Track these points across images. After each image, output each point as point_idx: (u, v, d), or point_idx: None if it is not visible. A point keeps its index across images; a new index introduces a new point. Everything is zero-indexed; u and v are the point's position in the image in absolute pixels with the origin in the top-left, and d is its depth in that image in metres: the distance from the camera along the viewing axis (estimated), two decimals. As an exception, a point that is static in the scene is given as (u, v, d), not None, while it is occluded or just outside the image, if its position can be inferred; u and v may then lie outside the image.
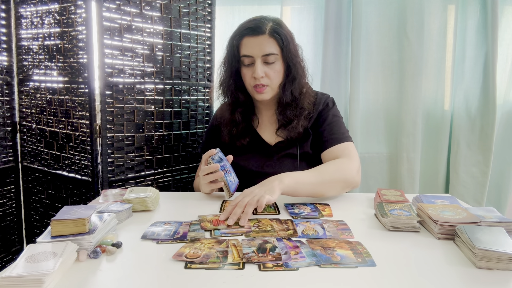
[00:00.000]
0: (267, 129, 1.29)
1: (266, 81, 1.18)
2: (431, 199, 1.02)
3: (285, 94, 1.21)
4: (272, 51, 1.15)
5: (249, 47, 1.16)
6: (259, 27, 1.15)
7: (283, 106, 1.23)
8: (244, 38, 1.17)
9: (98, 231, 0.78)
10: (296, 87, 1.22)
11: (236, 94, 1.25)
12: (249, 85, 1.21)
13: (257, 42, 1.15)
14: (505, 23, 1.79)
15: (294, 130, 1.21)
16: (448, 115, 1.84)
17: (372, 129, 1.88)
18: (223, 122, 1.29)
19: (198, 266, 0.69)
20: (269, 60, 1.16)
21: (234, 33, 1.21)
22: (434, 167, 1.87)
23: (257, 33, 1.15)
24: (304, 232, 0.87)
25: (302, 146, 1.24)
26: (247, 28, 1.16)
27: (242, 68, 1.20)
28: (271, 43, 1.15)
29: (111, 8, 1.37)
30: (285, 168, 1.19)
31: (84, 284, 0.64)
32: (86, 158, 1.44)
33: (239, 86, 1.24)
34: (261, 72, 1.15)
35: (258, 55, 1.15)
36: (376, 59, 1.83)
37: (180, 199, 1.15)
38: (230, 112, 1.27)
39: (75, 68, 1.42)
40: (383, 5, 1.80)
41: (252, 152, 1.27)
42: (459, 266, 0.71)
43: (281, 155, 1.25)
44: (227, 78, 1.24)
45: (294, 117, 1.21)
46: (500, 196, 1.87)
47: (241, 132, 1.26)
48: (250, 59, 1.17)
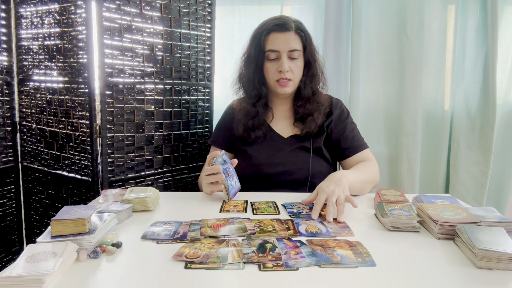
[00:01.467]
0: (281, 123, 1.34)
1: (290, 75, 1.24)
2: (431, 199, 1.02)
3: (306, 89, 1.28)
4: (297, 47, 1.23)
5: (275, 43, 1.22)
6: (287, 23, 1.22)
7: (303, 100, 1.29)
8: (272, 33, 1.23)
9: (98, 231, 0.78)
10: (315, 82, 1.30)
11: (259, 87, 1.29)
12: (272, 79, 1.26)
13: (284, 38, 1.21)
14: (505, 23, 1.79)
15: (312, 122, 1.27)
16: (448, 115, 1.84)
17: (372, 129, 1.88)
18: (239, 115, 1.32)
19: (198, 266, 0.69)
20: (293, 56, 1.23)
21: (259, 29, 1.26)
22: (434, 167, 1.87)
23: (284, 29, 1.22)
24: (307, 230, 0.87)
25: (315, 141, 1.29)
26: (275, 25, 1.22)
27: (266, 63, 1.25)
28: (296, 39, 1.23)
29: (111, 8, 1.37)
30: (298, 160, 1.26)
31: (84, 284, 0.64)
32: (86, 158, 1.44)
33: (261, 80, 1.29)
34: (287, 66, 1.22)
35: (284, 50, 1.21)
36: (376, 59, 1.83)
37: (180, 199, 1.15)
38: (248, 105, 1.30)
39: (75, 68, 1.42)
40: (383, 5, 1.80)
41: (264, 144, 1.30)
42: (459, 266, 0.71)
43: (295, 147, 1.29)
44: (250, 71, 1.29)
45: (314, 111, 1.28)
46: (500, 196, 1.87)
47: (256, 125, 1.29)
48: (276, 54, 1.23)
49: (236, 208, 1.03)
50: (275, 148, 1.29)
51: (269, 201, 1.09)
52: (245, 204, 1.07)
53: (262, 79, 1.29)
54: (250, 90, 1.31)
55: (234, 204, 1.07)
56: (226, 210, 1.02)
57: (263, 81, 1.29)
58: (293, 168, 1.25)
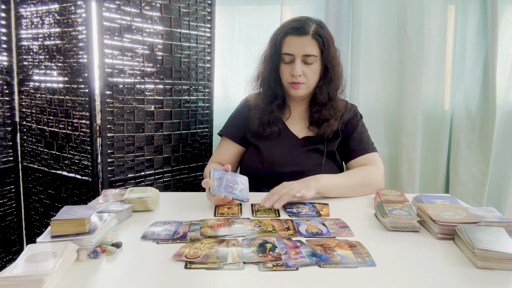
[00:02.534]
0: (296, 123, 1.34)
1: (302, 80, 1.23)
2: (431, 199, 1.02)
3: (322, 94, 1.27)
4: (312, 52, 1.20)
5: (291, 46, 1.21)
6: (304, 27, 1.20)
7: (319, 106, 1.28)
8: (288, 36, 1.21)
9: (98, 231, 0.78)
10: (333, 88, 1.28)
11: (274, 87, 1.29)
12: (286, 81, 1.26)
13: (300, 42, 1.20)
14: (505, 23, 1.79)
15: (328, 128, 1.26)
16: (448, 115, 1.84)
17: (372, 129, 1.87)
18: (256, 109, 1.32)
19: (198, 266, 0.69)
20: (308, 61, 1.21)
21: (278, 30, 1.26)
22: (434, 167, 1.87)
23: (301, 33, 1.19)
24: (307, 230, 0.87)
25: (329, 144, 1.29)
26: (292, 28, 1.21)
27: (282, 65, 1.25)
28: (312, 44, 1.20)
29: (111, 8, 1.37)
30: (310, 162, 1.25)
31: (84, 284, 0.64)
32: (86, 158, 1.44)
33: (277, 81, 1.29)
34: (300, 71, 1.21)
35: (299, 54, 1.20)
36: (376, 59, 1.83)
37: (180, 199, 1.15)
38: (265, 103, 1.30)
39: (75, 68, 1.42)
40: (383, 5, 1.80)
41: (278, 141, 1.30)
42: (459, 266, 0.71)
43: (308, 149, 1.28)
44: (266, 71, 1.30)
45: (330, 117, 1.27)
46: (500, 196, 1.87)
47: (272, 121, 1.29)
48: (290, 57, 1.22)
49: (231, 211, 1.02)
50: (288, 147, 1.29)
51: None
52: (239, 207, 1.06)
53: (278, 79, 1.29)
54: (266, 90, 1.31)
55: (228, 206, 1.05)
56: (221, 213, 1.01)
57: (278, 82, 1.29)
58: (305, 169, 1.23)
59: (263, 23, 1.88)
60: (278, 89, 1.29)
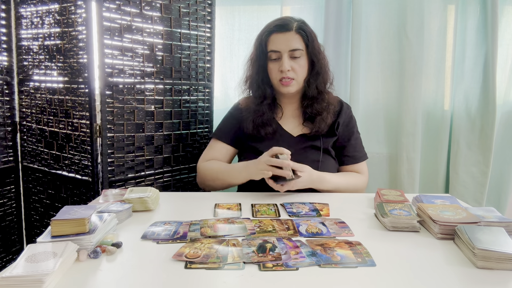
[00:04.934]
0: (290, 121, 1.35)
1: (292, 75, 1.25)
2: (431, 199, 1.02)
3: (311, 88, 1.29)
4: (298, 46, 1.24)
5: (276, 43, 1.24)
6: (287, 24, 1.24)
7: (309, 100, 1.30)
8: (273, 34, 1.25)
9: (98, 231, 0.78)
10: (321, 81, 1.30)
11: (263, 87, 1.31)
12: (275, 79, 1.28)
13: (285, 38, 1.23)
14: (505, 23, 1.79)
15: (322, 122, 1.29)
16: (448, 115, 1.84)
17: (372, 129, 1.88)
18: (248, 112, 1.33)
19: (198, 266, 0.69)
20: (295, 55, 1.24)
21: (262, 31, 1.30)
22: (434, 167, 1.87)
23: (284, 30, 1.23)
24: (308, 230, 0.87)
25: (325, 140, 1.31)
26: (276, 25, 1.25)
27: (269, 63, 1.28)
28: (297, 39, 1.24)
29: (111, 8, 1.37)
30: (307, 158, 1.26)
31: (84, 284, 0.65)
32: (86, 158, 1.44)
33: (265, 80, 1.31)
34: (288, 66, 1.23)
35: (285, 50, 1.23)
36: (376, 59, 1.83)
37: (180, 199, 1.15)
38: (255, 104, 1.32)
39: (75, 68, 1.42)
40: (383, 5, 1.80)
41: (274, 141, 1.30)
42: (459, 266, 0.71)
43: (305, 146, 1.30)
44: (254, 73, 1.32)
45: (322, 110, 1.29)
46: (500, 196, 1.87)
47: (265, 122, 1.30)
48: (277, 54, 1.25)
49: (230, 211, 1.02)
50: (284, 146, 1.29)
51: (270, 203, 1.09)
52: (238, 206, 1.06)
53: (267, 79, 1.31)
54: (255, 90, 1.33)
55: (227, 207, 1.06)
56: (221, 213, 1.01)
57: (267, 81, 1.31)
58: None
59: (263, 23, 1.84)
60: (267, 89, 1.31)
